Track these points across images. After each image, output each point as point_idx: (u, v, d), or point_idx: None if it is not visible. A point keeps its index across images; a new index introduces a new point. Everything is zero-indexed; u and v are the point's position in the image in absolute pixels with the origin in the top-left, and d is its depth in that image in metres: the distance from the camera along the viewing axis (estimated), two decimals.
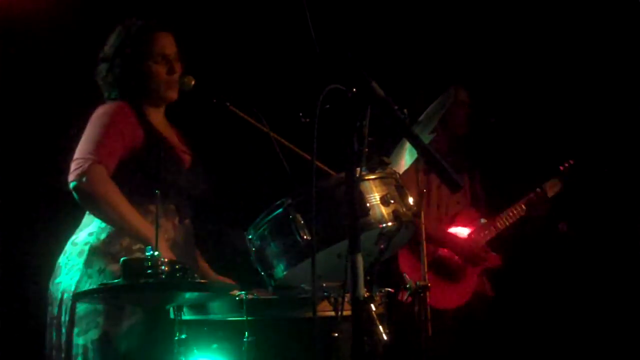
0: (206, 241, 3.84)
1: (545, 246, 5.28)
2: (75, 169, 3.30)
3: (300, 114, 3.09)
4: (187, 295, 3.00)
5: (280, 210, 2.99)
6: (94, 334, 3.28)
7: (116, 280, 2.96)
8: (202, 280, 2.99)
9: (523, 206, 5.00)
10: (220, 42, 4.95)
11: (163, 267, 2.83)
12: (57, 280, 3.41)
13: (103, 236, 3.38)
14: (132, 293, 2.94)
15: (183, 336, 3.02)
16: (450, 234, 4.92)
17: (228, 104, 3.56)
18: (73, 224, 3.54)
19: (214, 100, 3.56)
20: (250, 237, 3.11)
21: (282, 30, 4.48)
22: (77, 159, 3.33)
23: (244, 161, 4.85)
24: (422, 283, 3.53)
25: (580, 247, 5.22)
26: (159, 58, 3.57)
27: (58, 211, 4.18)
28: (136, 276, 2.82)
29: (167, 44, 3.61)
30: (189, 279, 2.88)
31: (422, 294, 3.53)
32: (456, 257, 4.87)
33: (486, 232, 4.95)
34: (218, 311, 3.20)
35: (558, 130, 5.32)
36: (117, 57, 3.57)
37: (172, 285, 2.88)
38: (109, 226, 3.38)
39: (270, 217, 3.01)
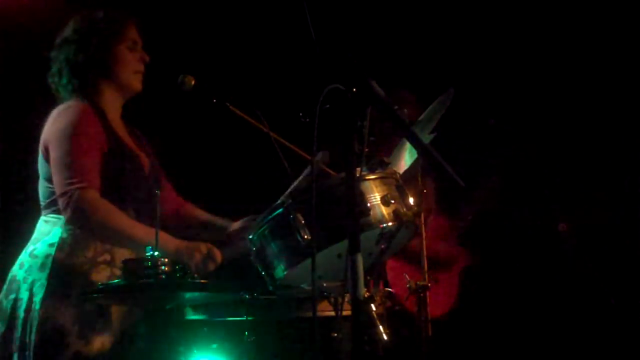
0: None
1: (545, 246, 5.28)
2: (66, 207, 3.14)
3: (300, 114, 3.09)
4: (187, 295, 3.00)
5: (280, 210, 2.99)
6: (65, 357, 3.11)
7: (116, 281, 2.95)
8: (203, 281, 2.98)
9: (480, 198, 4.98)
10: (220, 42, 4.95)
11: (163, 267, 2.83)
12: (12, 296, 3.20)
13: (65, 247, 3.21)
14: (132, 293, 2.94)
15: (182, 336, 3.03)
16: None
17: (228, 104, 3.55)
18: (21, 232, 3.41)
19: (214, 100, 3.55)
20: (250, 237, 3.11)
21: (282, 30, 4.48)
22: (61, 194, 3.16)
23: (244, 161, 4.85)
24: (422, 283, 3.54)
25: (580, 247, 5.22)
26: (130, 43, 3.44)
27: (9, 218, 4.11)
28: (136, 276, 2.82)
29: (136, 32, 3.49)
30: (189, 279, 2.88)
31: (422, 294, 3.54)
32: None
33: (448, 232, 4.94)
34: (218, 311, 3.20)
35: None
36: (83, 41, 3.37)
37: (172, 285, 2.88)
38: (69, 238, 3.21)
39: (271, 217, 3.01)
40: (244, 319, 3.06)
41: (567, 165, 5.20)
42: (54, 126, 3.31)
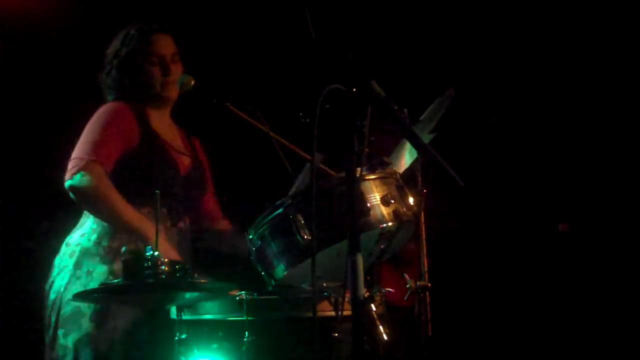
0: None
1: (545, 246, 5.28)
2: (72, 168, 3.32)
3: (300, 114, 3.09)
4: (187, 295, 3.00)
5: (280, 210, 2.99)
6: (76, 336, 3.30)
7: (116, 280, 2.96)
8: (203, 280, 2.99)
9: None
10: (220, 42, 4.95)
11: (163, 267, 2.83)
12: (49, 280, 3.44)
13: (93, 237, 3.40)
14: (132, 293, 2.94)
15: (183, 336, 3.03)
16: None
17: (228, 104, 3.56)
18: (72, 224, 3.55)
19: (214, 100, 3.56)
20: (250, 237, 3.11)
21: (282, 30, 4.48)
22: (73, 158, 3.35)
23: (244, 161, 4.85)
24: (422, 283, 3.53)
25: (580, 247, 5.22)
26: (153, 59, 3.57)
27: (58, 210, 4.17)
28: (136, 276, 2.82)
29: (164, 45, 3.61)
30: (189, 279, 2.88)
31: (422, 294, 3.54)
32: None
33: None
34: (218, 311, 3.20)
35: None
36: (114, 59, 3.59)
37: (172, 285, 2.88)
38: (99, 227, 3.40)
39: (271, 217, 3.01)
40: (244, 319, 3.06)
41: (567, 164, 5.20)
42: (93, 117, 3.49)
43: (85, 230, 3.43)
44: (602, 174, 5.07)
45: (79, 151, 3.35)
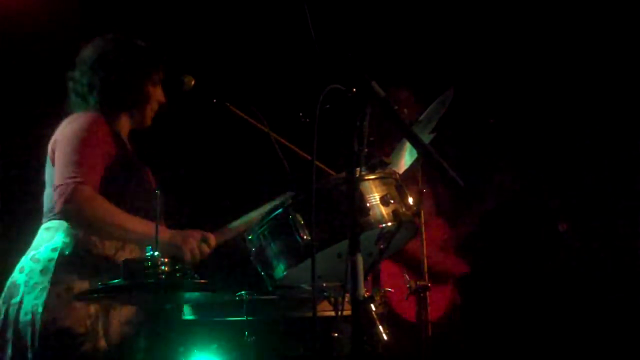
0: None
1: (544, 246, 5.29)
2: (61, 196, 3.15)
3: (300, 114, 3.09)
4: (187, 295, 3.00)
5: (280, 210, 2.99)
6: (70, 358, 3.13)
7: (116, 281, 2.95)
8: (202, 280, 2.98)
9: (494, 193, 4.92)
10: (220, 42, 4.95)
11: (163, 267, 2.83)
12: (15, 300, 3.20)
13: (68, 252, 3.22)
14: (131, 293, 2.93)
15: (183, 336, 3.03)
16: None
17: (228, 104, 3.55)
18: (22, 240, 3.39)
19: (214, 100, 3.55)
20: (250, 237, 3.11)
21: (282, 30, 4.47)
22: (59, 186, 3.17)
23: (244, 161, 4.85)
24: (422, 283, 3.54)
25: (580, 247, 5.22)
26: (157, 80, 3.53)
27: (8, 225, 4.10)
28: (136, 276, 2.82)
29: (163, 68, 3.57)
30: (189, 279, 2.88)
31: (422, 294, 3.54)
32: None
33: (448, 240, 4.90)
34: (218, 311, 3.20)
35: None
36: (111, 68, 3.43)
37: (172, 285, 2.88)
38: (73, 240, 3.23)
39: (271, 217, 3.01)
40: (244, 319, 3.06)
41: (567, 164, 5.20)
42: (65, 130, 3.34)
43: (56, 245, 3.23)
44: (602, 174, 5.07)
45: (61, 177, 3.18)
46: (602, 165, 5.07)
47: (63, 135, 3.32)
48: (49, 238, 3.27)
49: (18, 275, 3.25)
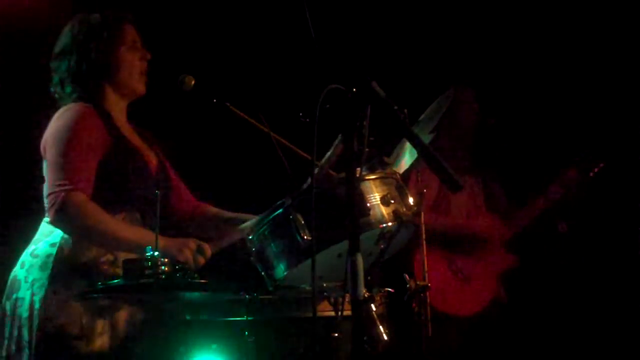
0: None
1: (544, 246, 5.28)
2: (51, 206, 3.11)
3: (300, 114, 3.09)
4: (187, 295, 2.99)
5: (280, 210, 2.98)
6: (65, 356, 3.12)
7: (116, 281, 2.95)
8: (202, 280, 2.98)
9: (558, 188, 4.89)
10: (220, 42, 4.95)
11: (163, 267, 2.83)
12: (16, 296, 3.20)
13: (67, 248, 3.20)
14: (131, 293, 2.93)
15: (183, 336, 3.03)
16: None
17: (228, 104, 3.55)
18: (25, 234, 3.38)
19: (214, 100, 3.54)
20: (250, 237, 3.11)
21: (282, 30, 4.48)
22: (49, 194, 3.12)
23: (244, 161, 4.85)
24: (422, 283, 3.53)
25: (579, 247, 5.22)
26: (130, 43, 3.43)
27: (11, 219, 4.09)
28: (136, 276, 2.82)
29: (134, 31, 3.48)
30: (189, 279, 2.88)
31: (422, 294, 3.54)
32: (473, 259, 4.79)
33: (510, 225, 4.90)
34: (218, 311, 3.19)
35: (559, 128, 5.33)
36: (83, 49, 3.36)
37: (172, 285, 2.88)
38: (72, 237, 3.20)
39: (271, 217, 3.01)
40: (244, 319, 3.05)
41: (567, 164, 5.19)
42: (52, 127, 3.31)
43: (55, 240, 3.21)
44: (602, 174, 5.07)
45: (51, 185, 3.14)
46: (602, 164, 5.07)
47: (51, 134, 3.28)
48: (48, 233, 3.25)
49: (19, 271, 3.25)
